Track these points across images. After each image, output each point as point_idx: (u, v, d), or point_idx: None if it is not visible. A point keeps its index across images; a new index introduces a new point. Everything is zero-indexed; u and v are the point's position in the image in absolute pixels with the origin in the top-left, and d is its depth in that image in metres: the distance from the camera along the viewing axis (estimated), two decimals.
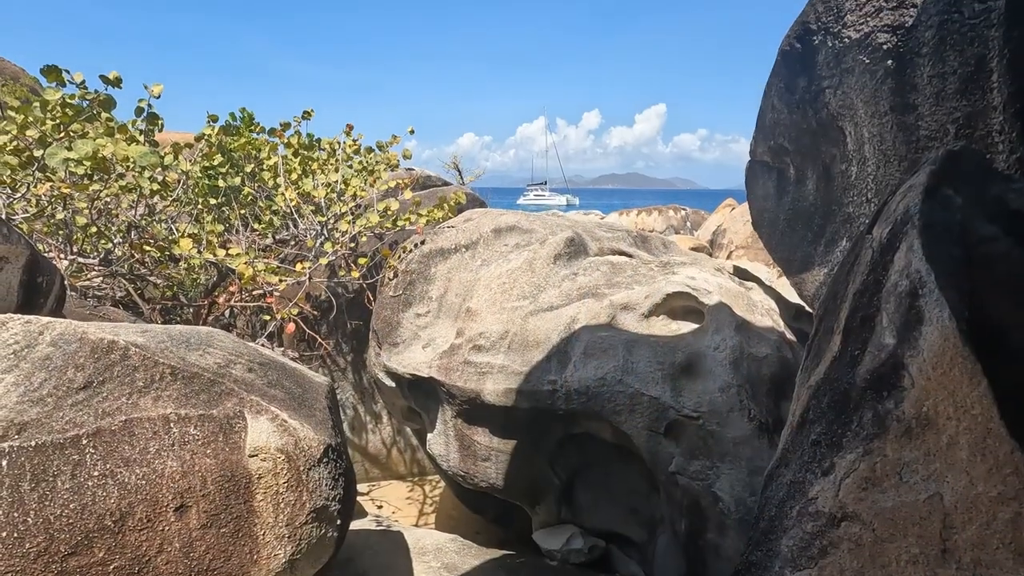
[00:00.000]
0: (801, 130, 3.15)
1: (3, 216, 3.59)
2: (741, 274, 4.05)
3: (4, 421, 1.54)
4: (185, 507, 1.64)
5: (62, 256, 4.05)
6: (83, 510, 1.52)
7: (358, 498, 4.93)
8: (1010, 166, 1.91)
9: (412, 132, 6.15)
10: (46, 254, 3.93)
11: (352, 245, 4.44)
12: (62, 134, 3.69)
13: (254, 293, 4.19)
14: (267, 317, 4.13)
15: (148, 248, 4.13)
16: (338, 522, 1.98)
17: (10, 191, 3.87)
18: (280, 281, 3.79)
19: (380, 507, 5.24)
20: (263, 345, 4.12)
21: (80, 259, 4.11)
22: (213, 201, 4.49)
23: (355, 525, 3.45)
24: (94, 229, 4.03)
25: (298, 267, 4.00)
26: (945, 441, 1.11)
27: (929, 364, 1.21)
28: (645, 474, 3.17)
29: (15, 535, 1.44)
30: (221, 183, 4.55)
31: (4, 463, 1.48)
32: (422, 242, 4.03)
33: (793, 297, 3.94)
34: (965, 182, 1.66)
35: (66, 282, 3.06)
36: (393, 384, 3.77)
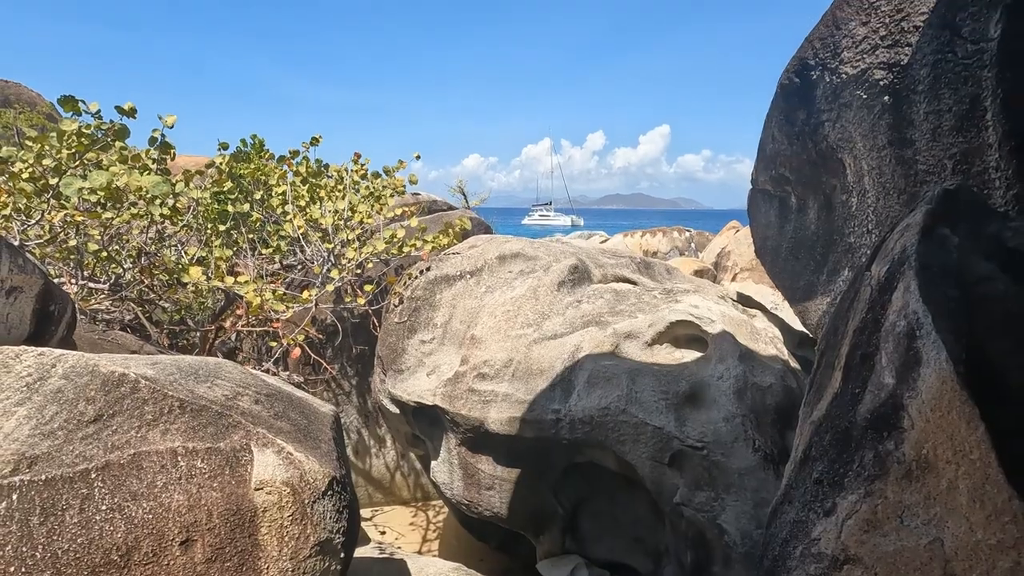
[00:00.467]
0: (801, 161, 3.20)
1: (18, 243, 3.66)
2: (744, 301, 4.06)
3: (16, 455, 1.56)
4: (190, 541, 1.65)
5: (73, 281, 4.12)
6: (90, 544, 1.53)
7: (361, 523, 4.89)
8: (1007, 202, 1.93)
9: (418, 158, 6.26)
10: (57, 279, 4.01)
11: (358, 271, 4.49)
12: (77, 163, 3.78)
13: (260, 318, 4.23)
14: (273, 343, 4.17)
15: (157, 272, 4.20)
16: (342, 555, 1.98)
17: (25, 217, 3.96)
18: (287, 308, 3.83)
19: (383, 533, 5.20)
20: (269, 370, 4.15)
21: (91, 284, 4.18)
22: (222, 227, 4.57)
23: (358, 552, 3.42)
24: (105, 254, 4.10)
25: (304, 294, 4.05)
26: (945, 485, 1.12)
27: (928, 406, 1.22)
28: (650, 504, 3.15)
29: (23, 570, 1.45)
30: (230, 208, 4.63)
31: (15, 497, 1.50)
32: (427, 268, 4.07)
33: (798, 324, 3.94)
34: (962, 220, 1.69)
35: (76, 306, 3.11)
36: (397, 411, 3.78)
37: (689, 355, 3.24)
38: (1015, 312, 1.42)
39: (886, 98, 2.44)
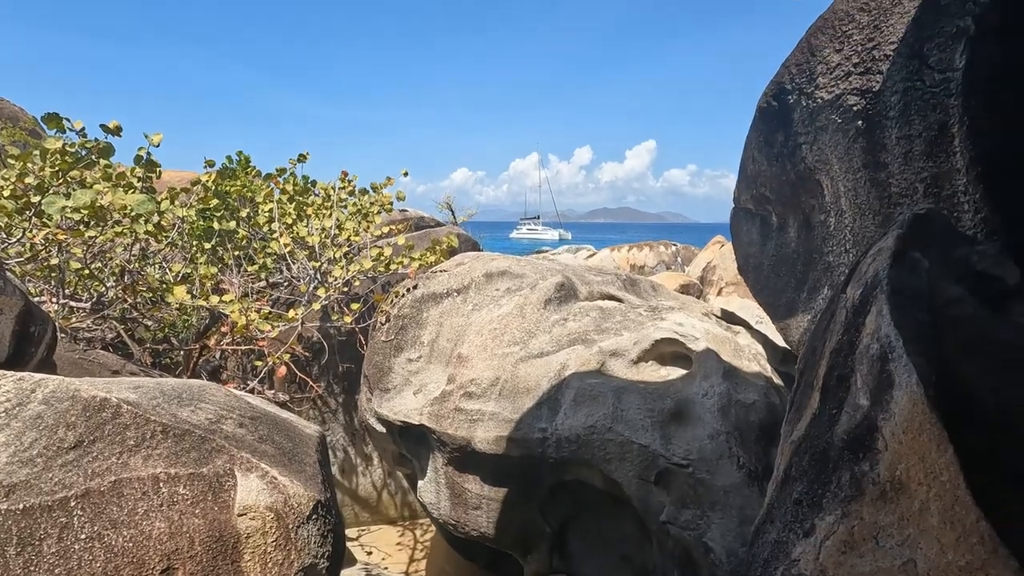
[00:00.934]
0: (781, 181, 3.27)
1: None
2: (728, 317, 4.11)
3: None
4: (172, 569, 1.63)
5: (53, 299, 4.06)
6: (68, 575, 1.51)
7: (347, 544, 4.83)
8: (975, 225, 2.00)
9: (406, 175, 6.27)
10: (37, 297, 3.95)
11: (345, 289, 4.48)
12: (60, 181, 3.75)
13: (246, 336, 4.20)
14: (259, 362, 4.14)
15: (140, 289, 4.16)
16: None
17: (5, 235, 3.91)
18: (273, 328, 3.81)
19: (370, 553, 5.13)
20: (255, 389, 4.11)
21: (72, 303, 4.12)
22: (207, 244, 4.54)
23: (344, 574, 3.38)
24: (87, 272, 4.05)
25: (291, 313, 4.03)
26: (917, 507, 1.15)
27: (900, 428, 1.25)
28: (637, 522, 3.15)
29: None
30: (216, 225, 4.61)
31: None
32: (414, 286, 4.08)
33: (781, 340, 4.00)
34: (932, 244, 1.75)
35: (57, 324, 3.06)
36: (384, 430, 3.76)
37: (674, 372, 3.27)
38: (983, 335, 1.46)
39: (860, 123, 2.52)
